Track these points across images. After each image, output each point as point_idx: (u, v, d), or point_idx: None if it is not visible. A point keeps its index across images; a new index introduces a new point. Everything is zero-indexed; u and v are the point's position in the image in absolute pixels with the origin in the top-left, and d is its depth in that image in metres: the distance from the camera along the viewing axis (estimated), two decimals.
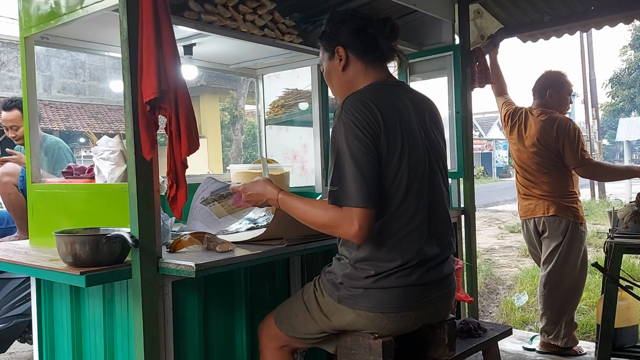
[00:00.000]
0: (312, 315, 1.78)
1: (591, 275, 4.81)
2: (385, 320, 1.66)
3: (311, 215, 1.64)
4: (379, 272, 1.62)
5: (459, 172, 3.35)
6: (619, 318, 2.77)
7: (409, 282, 1.63)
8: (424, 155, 1.67)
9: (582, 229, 3.34)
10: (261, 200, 1.79)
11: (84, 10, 1.95)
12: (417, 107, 1.74)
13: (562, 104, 3.45)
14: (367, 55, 1.72)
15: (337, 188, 1.55)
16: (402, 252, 1.62)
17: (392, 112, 1.60)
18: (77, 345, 2.09)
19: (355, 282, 1.65)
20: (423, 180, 1.65)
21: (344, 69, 1.74)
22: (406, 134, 1.61)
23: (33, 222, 2.25)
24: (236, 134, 18.07)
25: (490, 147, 38.07)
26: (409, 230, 1.62)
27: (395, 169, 1.58)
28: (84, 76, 16.57)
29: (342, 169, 1.54)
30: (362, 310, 1.65)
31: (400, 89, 1.75)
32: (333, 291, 1.71)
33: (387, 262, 1.61)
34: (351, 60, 1.72)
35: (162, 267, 1.73)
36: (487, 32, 3.70)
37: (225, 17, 2.43)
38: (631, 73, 24.41)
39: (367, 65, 1.73)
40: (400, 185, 1.59)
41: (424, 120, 1.72)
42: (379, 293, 1.63)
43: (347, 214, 1.53)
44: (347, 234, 1.56)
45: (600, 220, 10.54)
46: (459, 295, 2.56)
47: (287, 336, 1.85)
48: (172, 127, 1.70)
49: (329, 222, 1.58)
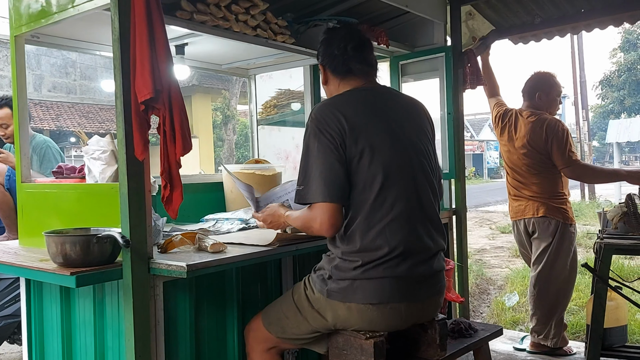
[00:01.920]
0: (303, 315, 1.79)
1: (581, 275, 4.85)
2: (375, 312, 1.68)
3: (298, 221, 1.79)
4: (366, 261, 1.67)
5: (451, 173, 3.36)
6: (608, 318, 2.80)
7: (397, 273, 1.68)
8: (400, 151, 1.75)
9: (571, 230, 3.37)
10: (279, 223, 1.96)
11: (75, 9, 1.94)
12: (396, 108, 1.84)
13: (551, 105, 3.47)
14: (337, 72, 1.88)
15: (302, 187, 1.71)
16: (387, 240, 1.67)
17: (358, 115, 1.73)
18: (67, 347, 2.07)
19: (344, 274, 1.70)
20: (402, 173, 1.73)
21: (326, 83, 1.94)
22: (376, 130, 1.72)
23: (23, 222, 2.24)
24: (228, 134, 18.02)
25: (481, 148, 38.23)
26: (391, 219, 1.69)
27: (367, 163, 1.68)
28: (74, 75, 16.47)
29: (306, 169, 1.70)
30: (352, 302, 1.68)
31: (378, 92, 1.86)
32: (322, 287, 1.74)
33: (374, 250, 1.67)
34: (328, 76, 1.91)
35: (153, 267, 1.72)
36: (478, 34, 3.72)
37: (218, 17, 2.43)
38: (621, 75, 24.61)
39: (340, 79, 1.88)
40: (376, 177, 1.68)
41: (403, 120, 1.82)
42: (368, 284, 1.67)
43: (313, 211, 1.69)
44: (315, 229, 1.70)
45: (590, 221, 10.62)
46: (450, 295, 2.57)
47: (276, 338, 1.86)
48: (166, 127, 1.70)
49: (305, 222, 1.75)
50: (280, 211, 1.93)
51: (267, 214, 1.98)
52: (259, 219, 2.02)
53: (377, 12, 3.34)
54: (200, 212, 2.68)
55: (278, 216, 1.94)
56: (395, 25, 3.50)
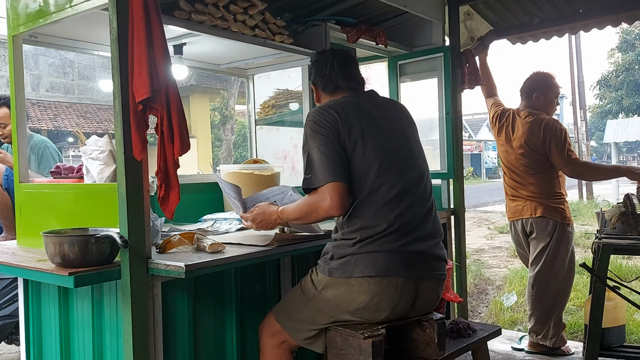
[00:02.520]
0: (307, 296, 1.88)
1: (579, 275, 4.85)
2: (373, 285, 1.75)
3: (299, 209, 1.86)
4: (364, 237, 1.78)
5: (449, 173, 3.37)
6: (606, 318, 2.80)
7: (393, 247, 1.78)
8: (389, 139, 1.90)
9: (569, 230, 3.37)
10: (270, 221, 1.98)
11: (73, 8, 1.94)
12: (379, 106, 2.00)
13: (549, 106, 3.47)
14: (327, 89, 2.06)
15: (309, 175, 1.81)
16: (384, 217, 1.79)
17: (348, 110, 1.89)
18: (65, 347, 2.07)
19: (343, 250, 1.80)
20: (394, 159, 1.87)
21: (319, 100, 2.10)
22: (365, 123, 1.87)
23: (21, 222, 2.23)
24: (226, 134, 18.01)
25: (479, 148, 38.25)
26: (388, 199, 1.81)
27: (361, 153, 1.82)
28: (72, 75, 16.46)
29: (310, 159, 1.82)
30: (352, 277, 1.77)
31: (361, 97, 2.01)
32: (325, 267, 1.84)
33: (372, 227, 1.79)
34: (320, 93, 2.09)
35: (151, 267, 1.72)
36: (477, 34, 3.73)
37: (216, 17, 2.43)
38: (619, 75, 24.62)
39: (330, 95, 2.06)
40: (371, 165, 1.82)
41: (386, 115, 1.98)
42: (365, 257, 1.77)
43: (320, 192, 1.78)
44: (325, 208, 1.78)
45: (588, 221, 10.63)
46: (449, 295, 2.57)
47: (283, 330, 1.91)
48: (164, 127, 1.69)
49: (311, 206, 1.81)
50: (271, 209, 1.97)
51: (257, 213, 2.00)
52: (247, 219, 2.03)
53: (376, 12, 3.34)
54: (199, 212, 2.67)
55: (269, 214, 1.96)
56: (394, 25, 3.50)
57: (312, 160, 1.82)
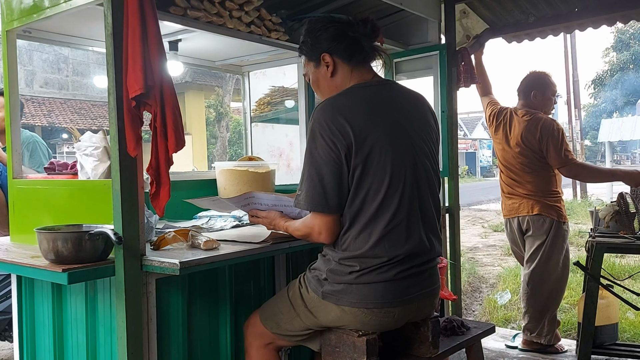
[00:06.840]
0: (297, 311, 1.80)
1: (572, 274, 4.88)
2: (369, 315, 1.68)
3: (299, 230, 1.76)
4: (363, 267, 1.65)
5: (444, 171, 3.37)
6: (599, 316, 2.82)
7: (391, 277, 1.66)
8: (408, 154, 1.69)
9: (564, 228, 3.39)
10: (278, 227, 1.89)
11: (68, 4, 1.92)
12: (402, 106, 1.75)
13: (546, 104, 3.49)
14: (352, 58, 1.75)
15: (301, 192, 1.67)
16: (386, 249, 1.65)
17: (362, 119, 1.63)
18: (59, 344, 2.06)
19: (340, 278, 1.68)
20: (406, 179, 1.67)
21: (333, 74, 1.77)
22: (380, 136, 1.64)
23: (14, 219, 2.22)
24: (221, 131, 17.96)
25: (474, 147, 38.36)
26: (392, 227, 1.65)
27: (372, 172, 1.63)
28: (67, 71, 16.38)
29: (304, 172, 1.66)
30: (346, 305, 1.68)
31: (384, 88, 1.77)
32: (317, 287, 1.73)
33: (372, 258, 1.65)
34: (338, 65, 1.76)
35: (145, 264, 1.71)
36: (472, 32, 3.73)
37: (212, 13, 2.42)
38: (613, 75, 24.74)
39: (352, 68, 1.76)
40: (382, 185, 1.64)
41: (409, 119, 1.74)
42: (363, 288, 1.66)
43: (311, 219, 1.68)
44: (314, 238, 1.70)
45: (582, 219, 10.68)
46: (443, 293, 2.58)
47: (272, 333, 1.86)
48: (158, 123, 1.69)
49: (306, 231, 1.72)
50: (280, 222, 1.87)
51: (271, 217, 1.90)
52: (261, 215, 1.92)
53: (371, 9, 3.33)
54: (194, 209, 2.66)
55: (278, 227, 1.89)
56: (390, 23, 3.50)
57: (304, 175, 1.66)
